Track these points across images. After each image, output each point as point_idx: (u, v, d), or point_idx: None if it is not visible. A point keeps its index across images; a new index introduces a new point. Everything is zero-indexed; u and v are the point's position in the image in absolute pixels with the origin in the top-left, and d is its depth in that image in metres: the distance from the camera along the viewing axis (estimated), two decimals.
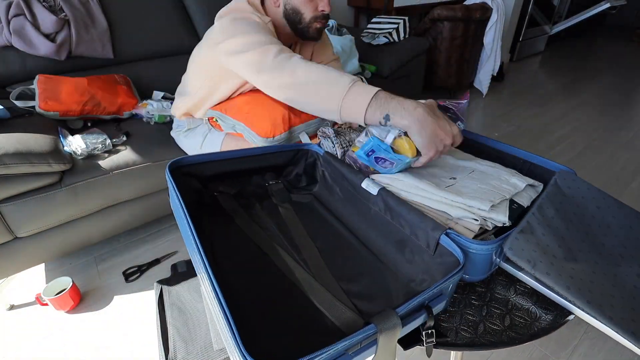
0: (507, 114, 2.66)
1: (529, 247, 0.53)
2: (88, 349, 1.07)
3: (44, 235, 1.17)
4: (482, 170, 0.70)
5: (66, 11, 1.44)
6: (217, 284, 0.44)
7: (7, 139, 1.04)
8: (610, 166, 1.98)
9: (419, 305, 0.46)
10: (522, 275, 0.55)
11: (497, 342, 0.53)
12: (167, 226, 1.57)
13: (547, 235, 0.55)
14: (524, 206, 0.61)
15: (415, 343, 0.49)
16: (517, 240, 0.53)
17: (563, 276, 0.50)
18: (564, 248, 0.54)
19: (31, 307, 1.22)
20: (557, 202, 0.60)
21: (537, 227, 0.56)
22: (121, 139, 1.29)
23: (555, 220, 0.57)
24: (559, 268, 0.51)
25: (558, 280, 0.50)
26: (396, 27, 2.12)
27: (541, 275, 0.51)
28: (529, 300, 0.58)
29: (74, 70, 1.56)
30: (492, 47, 2.69)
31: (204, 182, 0.77)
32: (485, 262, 0.55)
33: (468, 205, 0.59)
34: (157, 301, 1.16)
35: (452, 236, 0.54)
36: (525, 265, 0.52)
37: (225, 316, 0.41)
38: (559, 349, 1.03)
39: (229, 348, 0.43)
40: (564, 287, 0.49)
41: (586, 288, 0.49)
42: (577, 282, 0.50)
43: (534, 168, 0.72)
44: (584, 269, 0.52)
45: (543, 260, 0.52)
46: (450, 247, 0.54)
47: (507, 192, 0.62)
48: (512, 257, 0.52)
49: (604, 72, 3.61)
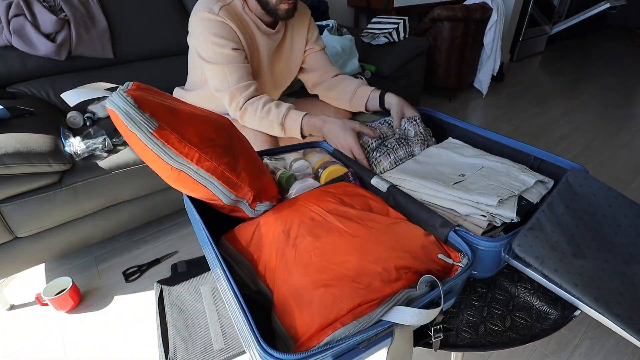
0: (507, 114, 2.66)
1: (537, 244, 0.53)
2: (88, 349, 1.07)
3: (44, 235, 1.17)
4: (491, 167, 0.70)
5: (66, 11, 1.44)
6: (234, 282, 0.46)
7: (7, 139, 1.03)
8: (610, 166, 1.98)
9: (429, 302, 0.47)
10: (530, 272, 0.55)
11: (498, 343, 0.53)
12: (167, 226, 1.56)
13: (556, 233, 0.55)
14: (533, 202, 0.61)
15: (423, 339, 0.50)
16: (526, 236, 0.53)
17: (571, 273, 0.50)
18: (573, 245, 0.54)
19: (31, 307, 1.22)
20: (567, 200, 0.59)
21: (547, 224, 0.55)
22: (121, 139, 1.29)
23: (565, 217, 0.57)
24: (567, 265, 0.51)
25: (566, 277, 0.50)
26: (396, 27, 2.12)
27: (549, 272, 0.51)
28: (530, 301, 0.58)
29: (74, 71, 1.56)
30: (492, 47, 2.69)
31: None
32: (494, 259, 0.55)
33: (475, 201, 0.59)
34: (157, 301, 1.16)
35: (460, 233, 0.55)
36: (533, 262, 0.52)
37: (243, 312, 0.42)
38: (559, 349, 1.03)
39: (245, 340, 0.45)
40: (571, 284, 0.49)
41: (594, 285, 0.49)
42: (585, 279, 0.50)
43: (545, 165, 0.72)
44: (592, 266, 0.52)
45: (551, 257, 0.51)
46: (458, 244, 0.54)
47: (515, 188, 0.62)
48: (520, 254, 0.52)
49: (603, 72, 3.61)
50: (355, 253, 0.50)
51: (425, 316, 0.44)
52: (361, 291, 0.45)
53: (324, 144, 0.86)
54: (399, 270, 0.48)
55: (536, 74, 3.57)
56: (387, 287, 0.46)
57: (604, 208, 0.60)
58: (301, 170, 0.74)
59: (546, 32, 4.19)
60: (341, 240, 0.53)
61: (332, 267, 0.48)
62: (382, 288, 0.46)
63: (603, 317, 0.48)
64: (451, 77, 2.69)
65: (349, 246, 0.51)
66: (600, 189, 0.61)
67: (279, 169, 0.73)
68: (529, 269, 0.55)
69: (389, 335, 0.44)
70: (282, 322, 0.46)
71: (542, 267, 0.51)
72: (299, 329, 0.43)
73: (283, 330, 0.45)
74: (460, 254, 0.53)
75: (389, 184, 0.66)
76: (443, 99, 2.92)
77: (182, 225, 1.56)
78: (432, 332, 0.48)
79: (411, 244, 0.53)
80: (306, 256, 0.51)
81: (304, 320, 0.44)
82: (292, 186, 0.68)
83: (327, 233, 0.54)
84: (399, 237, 0.54)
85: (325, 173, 0.73)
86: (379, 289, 0.46)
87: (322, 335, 0.41)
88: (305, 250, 0.51)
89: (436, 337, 0.48)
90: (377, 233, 0.54)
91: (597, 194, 0.61)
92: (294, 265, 0.50)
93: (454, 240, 0.55)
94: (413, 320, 0.43)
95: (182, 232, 1.53)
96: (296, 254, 0.51)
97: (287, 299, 0.47)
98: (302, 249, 0.52)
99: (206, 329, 1.06)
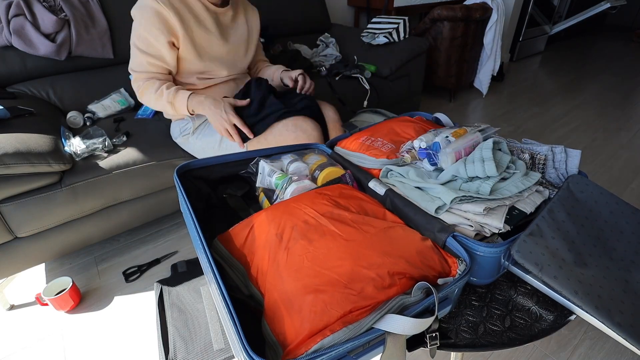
0: (507, 114, 2.66)
1: (537, 250, 0.52)
2: (88, 349, 1.07)
3: (44, 235, 1.17)
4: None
5: (66, 11, 1.44)
6: (225, 288, 0.45)
7: (7, 139, 1.03)
8: (610, 166, 1.98)
9: (424, 309, 0.46)
10: (530, 278, 0.54)
11: (498, 343, 0.53)
12: (167, 226, 1.57)
13: (556, 239, 0.54)
14: (526, 213, 0.59)
15: (418, 345, 0.49)
16: (525, 243, 0.52)
17: (571, 280, 0.49)
18: (574, 252, 0.53)
19: (31, 307, 1.22)
20: (568, 206, 0.58)
21: (547, 230, 0.54)
22: (121, 139, 1.29)
23: (566, 224, 0.56)
24: (568, 272, 0.50)
25: (566, 284, 0.49)
26: (396, 27, 2.12)
27: (548, 279, 0.50)
28: (530, 301, 0.58)
29: (74, 70, 1.56)
30: (492, 47, 2.69)
31: (212, 184, 0.77)
32: (493, 265, 0.54)
33: (463, 210, 0.58)
34: (157, 301, 1.16)
35: (459, 238, 0.54)
36: (533, 269, 0.51)
37: (232, 319, 0.42)
38: (559, 349, 1.03)
39: (234, 347, 0.44)
40: (571, 291, 0.48)
41: (595, 293, 0.48)
42: (586, 287, 0.49)
43: None
44: (593, 274, 0.51)
45: (551, 264, 0.51)
46: (456, 250, 0.53)
47: (507, 198, 0.61)
48: (519, 260, 0.51)
49: (603, 72, 3.61)
50: (349, 258, 0.49)
51: (418, 325, 0.43)
52: (353, 297, 0.44)
53: (322, 146, 0.85)
54: (393, 276, 0.47)
55: (536, 74, 3.57)
56: (380, 294, 0.45)
57: (606, 214, 0.59)
58: (298, 172, 0.73)
59: (546, 32, 4.19)
60: (334, 244, 0.52)
61: (323, 272, 0.47)
62: (375, 294, 0.45)
63: (603, 325, 0.47)
64: (451, 77, 2.69)
65: (342, 251, 0.50)
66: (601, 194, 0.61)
67: (276, 170, 0.72)
68: (528, 276, 0.54)
69: (380, 344, 0.43)
70: (272, 328, 0.45)
71: (542, 274, 0.50)
72: (288, 335, 0.43)
73: (272, 336, 0.44)
74: (458, 260, 0.52)
75: (386, 187, 0.66)
76: (443, 99, 2.92)
77: (182, 225, 1.56)
78: (428, 339, 0.47)
79: (407, 249, 0.52)
80: (298, 260, 0.50)
81: (293, 327, 0.43)
82: (289, 187, 0.68)
83: (321, 237, 0.53)
84: (395, 242, 0.53)
85: (323, 175, 0.72)
86: (372, 296, 0.45)
87: (311, 342, 0.40)
88: (297, 254, 0.50)
89: (432, 345, 0.48)
90: (371, 237, 0.53)
91: (599, 200, 0.60)
92: (285, 269, 0.49)
93: (451, 246, 0.54)
94: (406, 329, 0.42)
95: (182, 232, 1.53)
96: (288, 258, 0.50)
97: (278, 304, 0.46)
98: (294, 253, 0.51)
99: (206, 329, 1.06)
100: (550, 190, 0.64)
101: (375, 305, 0.44)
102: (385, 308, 0.43)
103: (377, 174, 0.73)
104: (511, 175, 0.63)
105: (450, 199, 0.58)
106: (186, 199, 0.61)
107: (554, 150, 0.70)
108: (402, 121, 0.87)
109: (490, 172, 0.60)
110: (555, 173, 0.69)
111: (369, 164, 0.76)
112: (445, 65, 2.64)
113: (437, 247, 0.55)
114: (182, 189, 0.64)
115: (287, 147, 0.83)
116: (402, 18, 2.15)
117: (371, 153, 0.77)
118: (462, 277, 0.48)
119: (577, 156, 0.68)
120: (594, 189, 0.61)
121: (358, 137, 0.83)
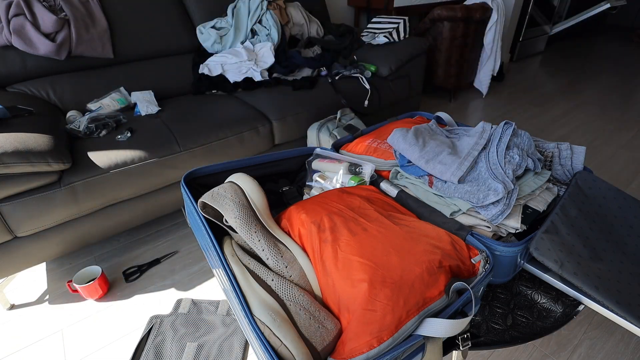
0: (507, 114, 2.66)
1: (555, 247, 0.52)
2: (88, 349, 1.07)
3: (44, 235, 1.16)
4: None
5: (66, 11, 1.44)
6: (243, 296, 0.45)
7: (6, 139, 1.03)
8: (610, 166, 1.98)
9: (455, 312, 0.46)
10: (547, 276, 0.54)
11: (500, 341, 0.52)
12: (167, 226, 1.56)
13: (571, 235, 0.54)
14: (539, 211, 0.59)
15: (451, 348, 0.48)
16: (543, 240, 0.52)
17: (590, 276, 0.49)
18: (589, 248, 0.53)
19: (31, 307, 1.22)
20: (579, 202, 0.58)
21: (562, 227, 0.54)
22: (125, 135, 1.28)
23: (579, 220, 0.56)
24: (586, 268, 0.50)
25: (586, 280, 0.49)
26: (396, 27, 2.12)
27: (569, 276, 0.49)
28: (531, 299, 0.58)
29: (74, 70, 1.56)
30: (492, 47, 2.69)
31: None
32: (511, 264, 0.54)
33: (477, 210, 0.58)
34: (142, 337, 1.08)
35: (477, 237, 0.54)
36: (553, 266, 0.50)
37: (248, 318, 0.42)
38: (559, 349, 1.03)
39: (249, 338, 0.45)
40: (592, 287, 0.48)
41: (614, 288, 0.48)
42: (605, 282, 0.49)
43: None
44: (610, 268, 0.51)
45: (570, 260, 0.50)
46: (477, 246, 0.53)
47: (521, 197, 0.61)
48: (538, 258, 0.51)
49: (603, 72, 3.61)
50: (394, 252, 0.48)
51: (457, 326, 0.42)
52: (406, 296, 0.43)
53: (328, 150, 0.84)
54: (437, 269, 0.47)
55: (536, 74, 3.57)
56: (427, 291, 0.45)
57: (615, 210, 0.59)
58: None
59: (546, 32, 4.19)
60: (377, 236, 0.51)
61: (374, 268, 0.46)
62: (424, 290, 0.44)
63: (620, 319, 0.47)
64: (451, 77, 2.69)
65: (385, 243, 0.49)
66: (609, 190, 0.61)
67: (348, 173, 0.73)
68: (546, 274, 0.54)
69: (420, 350, 0.43)
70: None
71: (562, 270, 0.50)
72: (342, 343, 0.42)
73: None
74: (480, 254, 0.52)
75: (398, 189, 0.66)
76: (443, 99, 2.92)
77: (182, 225, 1.56)
78: (460, 340, 0.46)
79: (441, 240, 0.52)
80: (345, 258, 0.48)
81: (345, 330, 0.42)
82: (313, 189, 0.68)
83: (362, 230, 0.52)
84: (429, 235, 0.53)
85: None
86: (421, 291, 0.44)
87: (356, 352, 0.40)
88: (344, 250, 0.49)
89: (464, 346, 0.47)
90: (408, 230, 0.53)
91: (607, 195, 0.60)
92: (334, 269, 0.48)
93: (471, 243, 0.54)
94: (446, 332, 0.41)
95: (182, 232, 1.52)
96: (336, 254, 0.49)
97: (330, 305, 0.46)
98: (341, 247, 0.49)
99: None
100: (558, 187, 0.64)
101: (422, 302, 0.43)
102: (425, 313, 0.43)
103: (387, 175, 0.73)
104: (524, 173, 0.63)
105: (467, 207, 0.58)
106: (198, 209, 0.59)
107: (560, 147, 0.70)
108: (404, 122, 0.88)
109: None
110: (562, 170, 0.68)
111: (379, 166, 0.77)
112: (445, 65, 2.63)
113: (462, 241, 0.55)
114: (190, 197, 0.62)
115: (287, 153, 0.82)
116: (402, 18, 2.15)
117: (379, 155, 0.77)
118: (489, 273, 0.48)
119: (582, 153, 0.68)
120: (601, 184, 0.61)
121: (363, 140, 0.83)
